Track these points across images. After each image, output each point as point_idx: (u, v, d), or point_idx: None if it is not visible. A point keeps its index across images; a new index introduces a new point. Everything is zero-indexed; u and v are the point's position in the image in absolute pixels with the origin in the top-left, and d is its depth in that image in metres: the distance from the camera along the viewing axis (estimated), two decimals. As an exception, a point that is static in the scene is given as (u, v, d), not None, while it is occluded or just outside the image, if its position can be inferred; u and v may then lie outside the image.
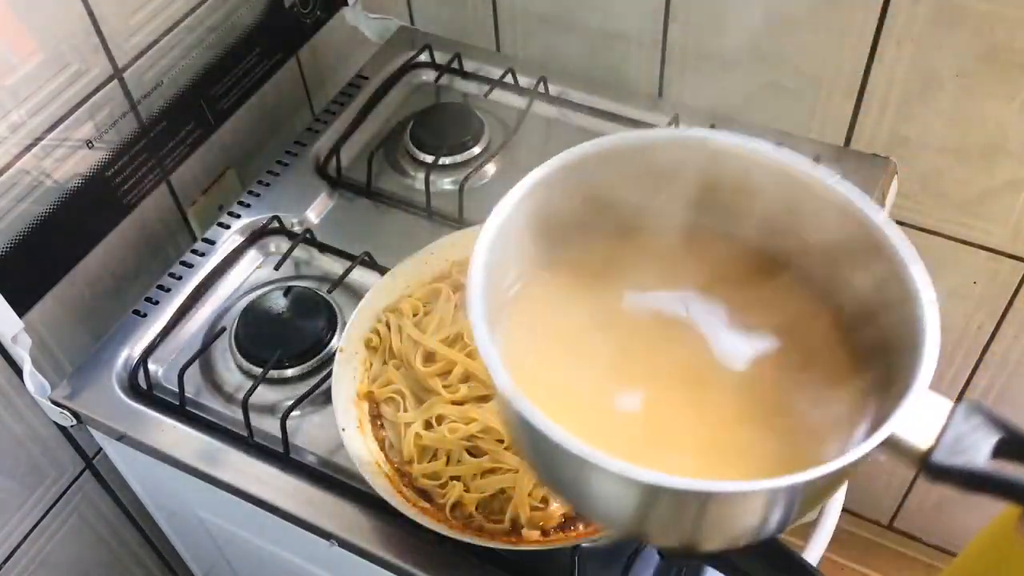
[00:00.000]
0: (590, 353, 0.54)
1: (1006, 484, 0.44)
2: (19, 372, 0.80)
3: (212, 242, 0.89)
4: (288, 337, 0.80)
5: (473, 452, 0.69)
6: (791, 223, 0.54)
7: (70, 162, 0.83)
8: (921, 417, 0.45)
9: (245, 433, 0.75)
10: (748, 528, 0.48)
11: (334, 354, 0.76)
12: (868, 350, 0.53)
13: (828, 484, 0.48)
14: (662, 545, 0.55)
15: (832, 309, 0.55)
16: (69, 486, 0.94)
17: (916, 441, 0.44)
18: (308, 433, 0.76)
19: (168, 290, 0.86)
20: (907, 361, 0.46)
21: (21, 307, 0.81)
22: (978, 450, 0.44)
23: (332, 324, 0.82)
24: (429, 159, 0.94)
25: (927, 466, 0.44)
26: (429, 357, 0.74)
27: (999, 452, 0.44)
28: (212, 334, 0.82)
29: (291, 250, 0.87)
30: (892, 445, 0.44)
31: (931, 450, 0.44)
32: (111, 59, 0.84)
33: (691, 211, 0.56)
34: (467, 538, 0.65)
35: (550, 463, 0.49)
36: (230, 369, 0.81)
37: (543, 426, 0.44)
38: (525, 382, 0.45)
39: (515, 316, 0.55)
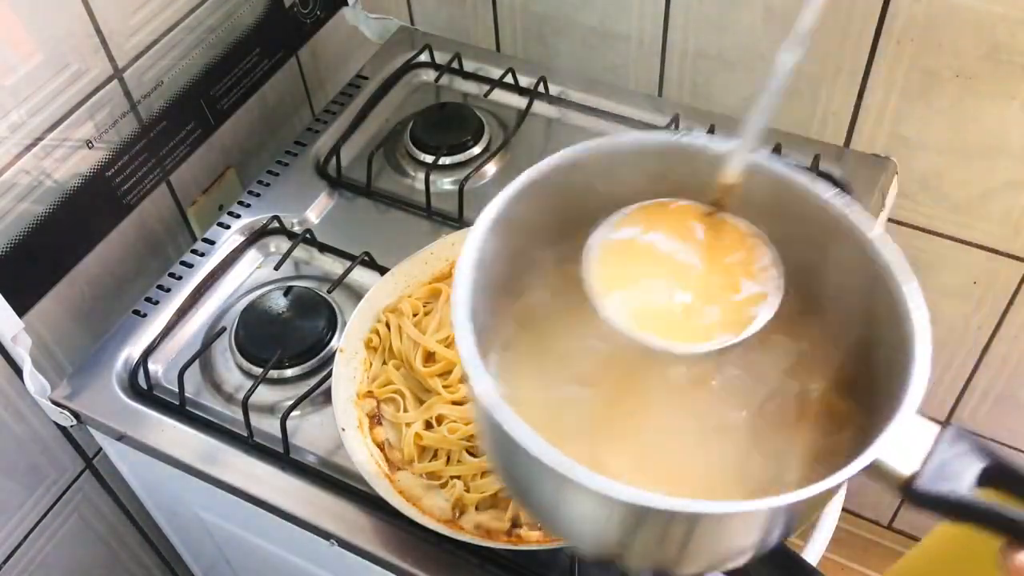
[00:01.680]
0: (577, 367, 0.53)
1: (989, 514, 0.42)
2: (19, 372, 0.80)
3: (212, 242, 0.89)
4: (288, 337, 0.80)
5: (473, 452, 0.69)
6: (785, 237, 0.53)
7: (70, 162, 0.83)
8: (906, 442, 0.43)
9: (245, 433, 0.75)
10: (727, 550, 0.47)
11: (334, 354, 0.76)
12: (859, 372, 0.52)
13: (811, 506, 0.47)
14: (637, 568, 0.52)
15: (825, 328, 0.54)
16: (69, 486, 0.94)
17: (900, 466, 0.43)
18: (308, 433, 0.76)
19: (168, 290, 0.86)
20: (896, 384, 0.45)
21: (21, 307, 0.81)
22: (962, 478, 0.43)
23: (332, 324, 0.81)
24: (429, 159, 0.94)
25: (910, 492, 0.43)
26: (429, 357, 0.74)
27: (983, 480, 0.43)
28: (212, 334, 0.82)
29: (291, 250, 0.87)
30: (876, 470, 0.43)
31: (915, 476, 0.43)
32: (111, 59, 0.84)
33: None
34: (467, 538, 0.65)
35: (525, 474, 0.47)
36: (230, 369, 0.81)
37: (528, 440, 0.42)
38: (510, 394, 0.44)
39: (506, 323, 0.54)
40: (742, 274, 0.51)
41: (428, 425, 0.71)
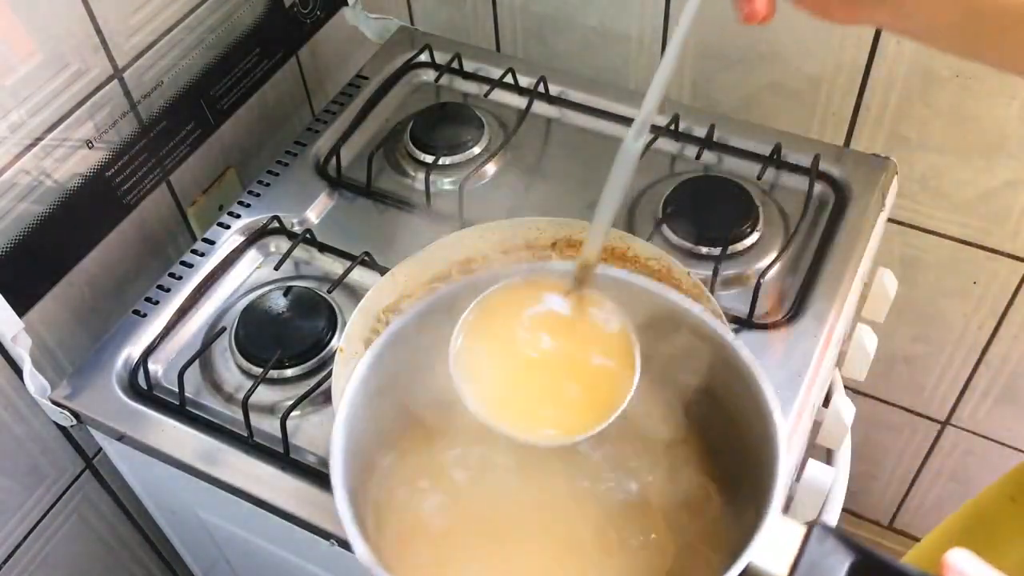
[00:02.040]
0: (462, 514, 0.55)
1: None
2: (19, 372, 0.80)
3: (212, 242, 0.89)
4: (288, 337, 0.80)
5: (473, 452, 0.69)
6: (658, 350, 0.54)
7: (70, 162, 0.83)
8: (776, 545, 0.44)
9: (245, 433, 0.75)
10: None
11: (334, 354, 0.76)
12: (727, 479, 0.53)
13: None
14: None
15: (694, 437, 0.56)
16: (69, 486, 0.94)
17: (773, 569, 0.44)
18: (308, 433, 0.76)
19: (168, 290, 0.86)
20: (760, 488, 0.47)
21: (21, 307, 0.81)
22: (833, 575, 0.44)
23: (332, 324, 0.81)
24: (429, 159, 0.94)
25: None
26: (429, 357, 0.74)
27: (853, 575, 0.44)
28: (212, 334, 0.82)
29: (291, 250, 0.87)
30: (751, 575, 0.44)
31: None
32: (111, 59, 0.84)
33: None
34: (467, 538, 0.65)
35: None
36: (230, 369, 0.81)
37: None
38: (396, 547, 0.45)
39: (384, 481, 0.56)
40: (602, 352, 0.53)
41: (428, 425, 0.71)
